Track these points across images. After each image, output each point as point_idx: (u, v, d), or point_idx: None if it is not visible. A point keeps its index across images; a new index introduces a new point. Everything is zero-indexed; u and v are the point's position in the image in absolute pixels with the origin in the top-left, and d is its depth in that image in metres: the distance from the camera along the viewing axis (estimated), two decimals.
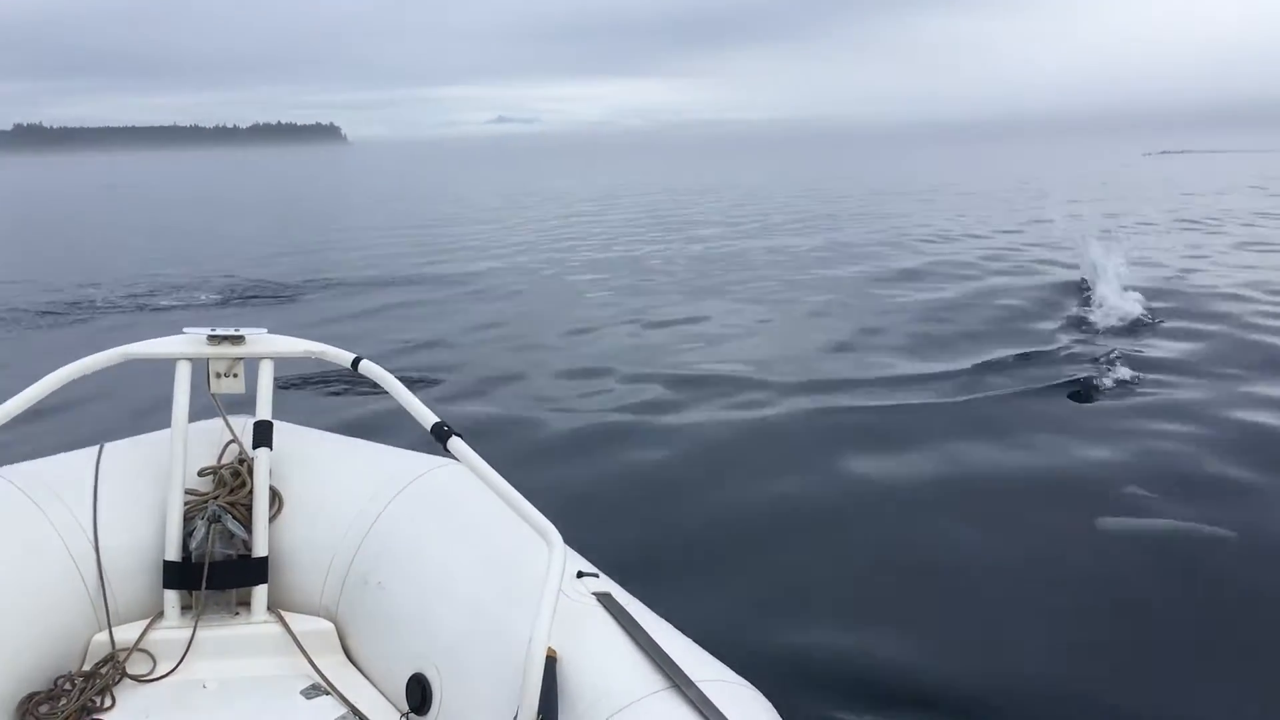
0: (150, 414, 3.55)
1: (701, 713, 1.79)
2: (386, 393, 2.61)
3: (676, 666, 1.91)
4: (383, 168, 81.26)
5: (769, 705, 1.94)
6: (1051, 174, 39.12)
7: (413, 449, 2.87)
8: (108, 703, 2.30)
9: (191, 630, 2.48)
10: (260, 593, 2.59)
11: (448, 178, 55.80)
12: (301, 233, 22.10)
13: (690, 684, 1.86)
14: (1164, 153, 62.11)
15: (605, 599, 2.17)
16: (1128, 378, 7.27)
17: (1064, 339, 8.89)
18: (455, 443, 2.41)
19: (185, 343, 2.65)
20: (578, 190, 38.48)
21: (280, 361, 2.73)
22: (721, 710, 1.79)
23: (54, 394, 2.49)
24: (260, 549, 2.59)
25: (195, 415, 2.65)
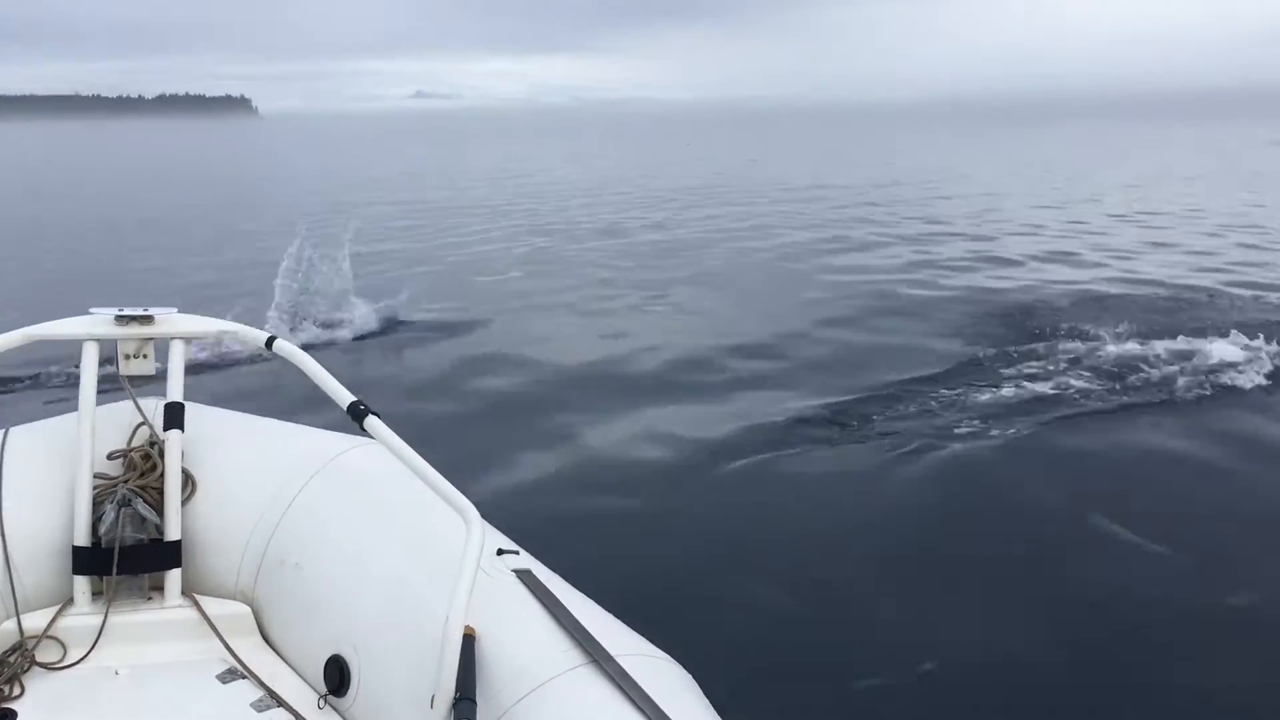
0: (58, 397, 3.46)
1: (620, 687, 1.81)
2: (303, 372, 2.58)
3: (596, 641, 1.93)
4: (297, 143, 78.27)
5: (690, 678, 1.98)
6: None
7: (330, 429, 2.85)
8: (16, 691, 2.24)
9: (102, 616, 2.44)
10: (173, 577, 2.55)
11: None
12: None
13: (609, 658, 1.88)
14: None
15: (525, 575, 2.19)
16: None
17: None
18: (372, 421, 2.39)
19: (91, 323, 2.59)
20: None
21: (192, 342, 2.69)
22: (640, 684, 1.81)
23: None
24: (173, 533, 2.55)
25: (105, 398, 2.60)
